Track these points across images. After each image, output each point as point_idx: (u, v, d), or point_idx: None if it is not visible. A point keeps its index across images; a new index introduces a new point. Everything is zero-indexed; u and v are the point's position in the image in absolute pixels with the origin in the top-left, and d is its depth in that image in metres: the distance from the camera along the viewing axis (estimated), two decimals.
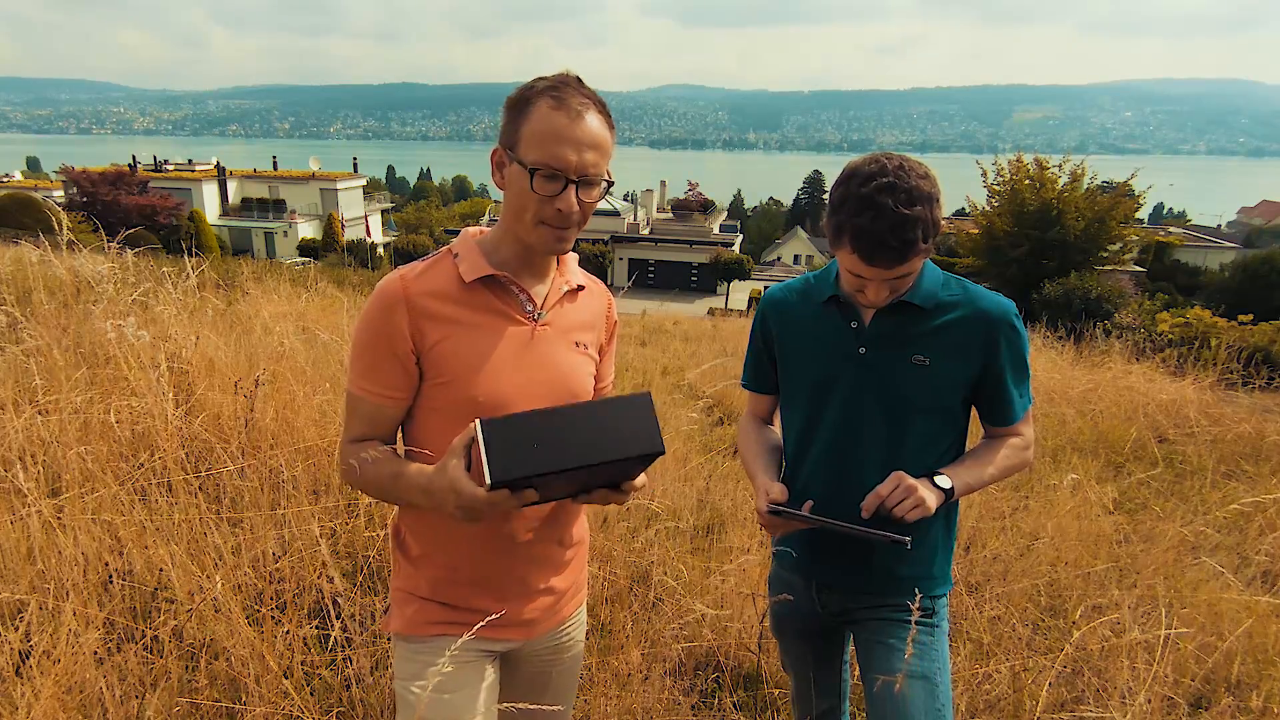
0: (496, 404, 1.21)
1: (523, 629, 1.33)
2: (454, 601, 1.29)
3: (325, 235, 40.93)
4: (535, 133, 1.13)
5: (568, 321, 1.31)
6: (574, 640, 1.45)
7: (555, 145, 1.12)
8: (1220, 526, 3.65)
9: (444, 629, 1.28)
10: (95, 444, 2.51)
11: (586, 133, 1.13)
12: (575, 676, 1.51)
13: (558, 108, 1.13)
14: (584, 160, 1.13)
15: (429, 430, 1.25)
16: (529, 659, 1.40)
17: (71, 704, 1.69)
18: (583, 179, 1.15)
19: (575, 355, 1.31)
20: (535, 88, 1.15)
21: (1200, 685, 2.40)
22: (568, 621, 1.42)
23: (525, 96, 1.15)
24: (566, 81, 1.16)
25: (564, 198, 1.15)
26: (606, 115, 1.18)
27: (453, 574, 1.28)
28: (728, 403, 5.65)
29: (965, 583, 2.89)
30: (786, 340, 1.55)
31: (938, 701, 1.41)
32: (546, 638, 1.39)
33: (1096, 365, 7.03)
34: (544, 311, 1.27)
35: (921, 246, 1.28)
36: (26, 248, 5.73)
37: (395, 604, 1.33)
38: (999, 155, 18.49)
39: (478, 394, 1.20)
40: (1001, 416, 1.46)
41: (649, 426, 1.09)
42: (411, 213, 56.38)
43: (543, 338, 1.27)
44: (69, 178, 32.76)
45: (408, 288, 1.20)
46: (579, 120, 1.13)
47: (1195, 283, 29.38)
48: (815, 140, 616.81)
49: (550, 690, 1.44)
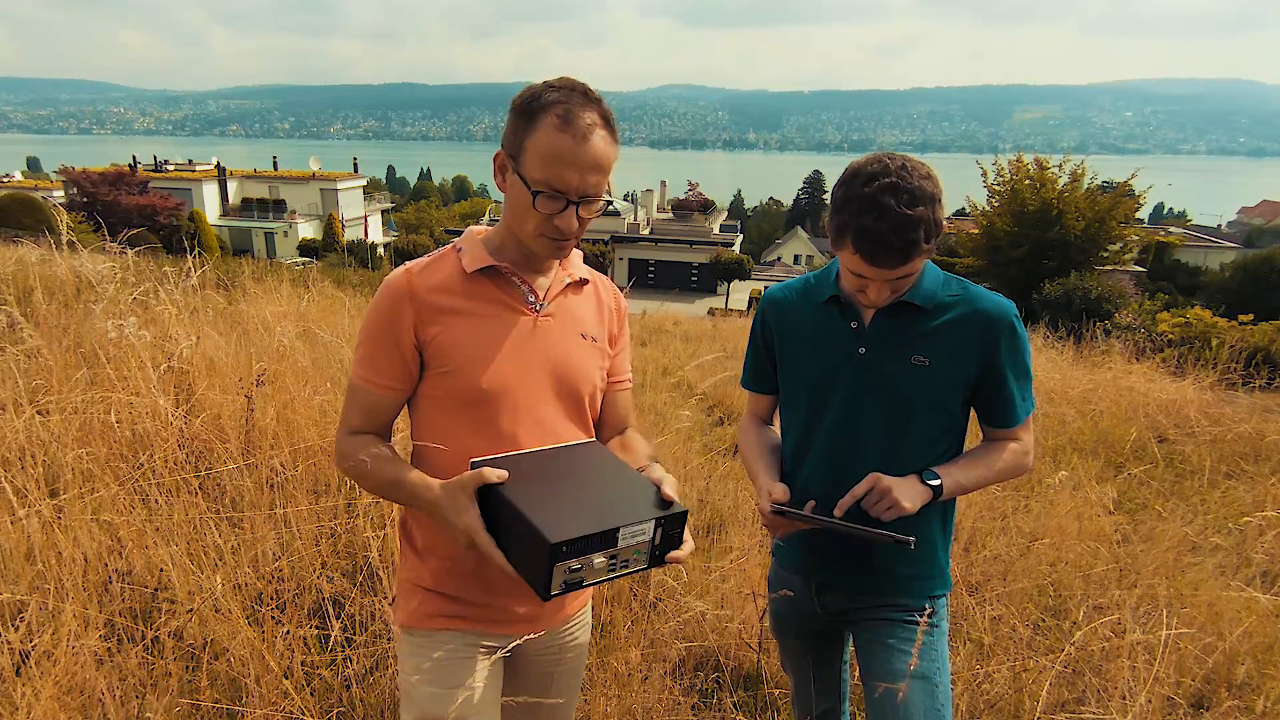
0: (499, 392, 1.22)
1: (525, 624, 1.33)
2: (457, 594, 1.29)
3: (325, 235, 40.94)
4: (540, 151, 1.12)
5: (572, 313, 1.32)
6: (577, 639, 1.45)
7: (559, 167, 1.12)
8: (1220, 526, 3.65)
9: (447, 623, 1.28)
10: (95, 444, 2.51)
11: (591, 156, 1.13)
12: (579, 675, 1.51)
13: (564, 128, 1.11)
14: (586, 183, 1.14)
15: (434, 420, 1.26)
16: (532, 656, 1.40)
17: (71, 704, 1.69)
18: (585, 199, 1.16)
19: (581, 346, 1.31)
20: (544, 98, 1.13)
21: (1201, 685, 2.40)
22: (571, 620, 1.42)
23: (533, 107, 1.14)
24: (574, 95, 1.14)
25: (564, 217, 1.16)
26: (612, 130, 1.18)
27: (456, 565, 1.28)
28: (728, 403, 5.65)
29: (965, 583, 2.89)
30: (786, 340, 1.55)
31: (937, 701, 1.41)
32: (549, 635, 1.39)
33: (1097, 365, 7.03)
34: (546, 302, 1.28)
35: (924, 247, 1.28)
36: (27, 247, 5.73)
37: (401, 595, 1.34)
38: (999, 155, 18.47)
39: (480, 382, 1.21)
40: (1002, 418, 1.46)
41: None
42: (411, 213, 56.37)
43: (545, 328, 1.27)
44: (69, 178, 32.75)
45: (412, 282, 1.22)
46: (585, 143, 1.12)
47: (1195, 283, 29.36)
48: (815, 140, 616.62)
49: (553, 688, 1.44)
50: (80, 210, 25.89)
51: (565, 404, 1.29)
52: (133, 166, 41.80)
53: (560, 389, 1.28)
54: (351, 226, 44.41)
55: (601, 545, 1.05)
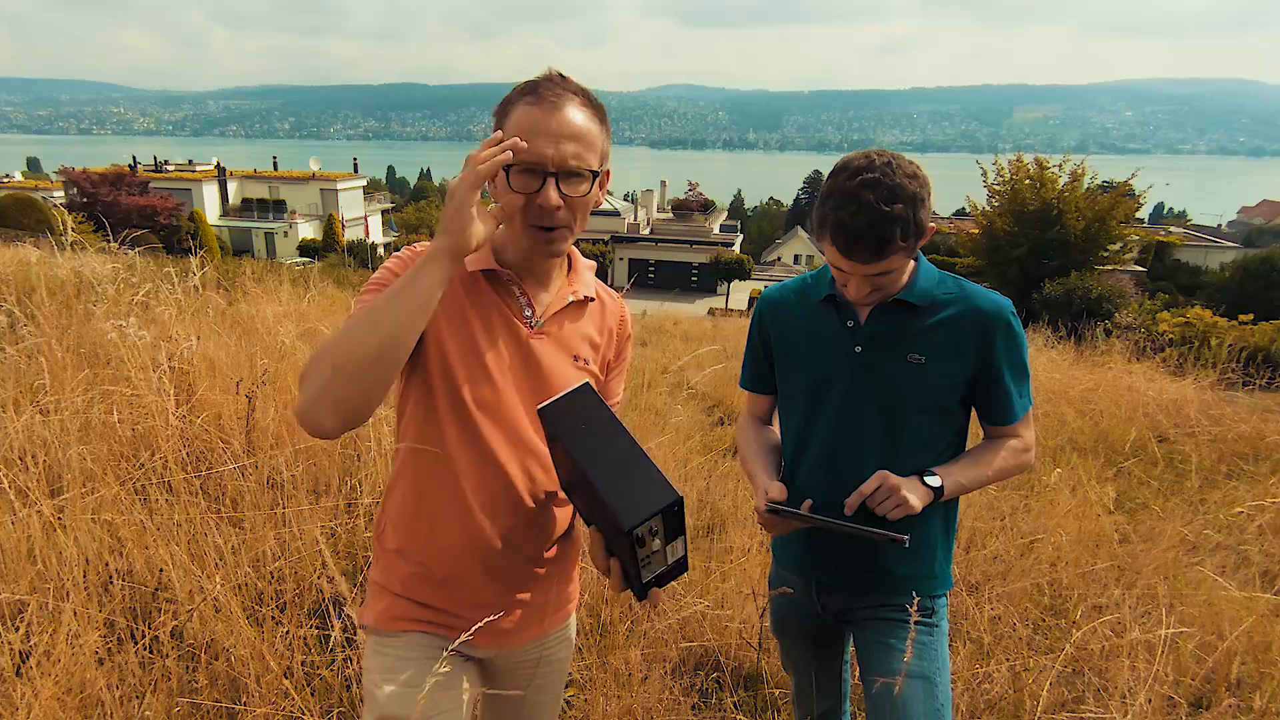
0: (480, 405, 1.18)
1: (496, 637, 1.28)
2: (423, 600, 1.25)
3: (325, 235, 40.93)
4: (512, 132, 1.10)
5: (569, 334, 1.26)
6: (554, 655, 1.39)
7: (529, 139, 1.07)
8: (1220, 526, 3.65)
9: (413, 625, 1.24)
10: (96, 444, 2.51)
11: (563, 123, 1.09)
12: (556, 691, 1.44)
13: (533, 103, 1.10)
14: (562, 152, 1.08)
15: (419, 426, 1.22)
16: (505, 670, 1.36)
17: (71, 704, 1.70)
18: (563, 171, 1.10)
19: (572, 370, 1.25)
20: (516, 90, 1.13)
21: (1201, 685, 2.40)
22: (549, 636, 1.36)
23: (506, 101, 1.13)
24: (548, 78, 1.13)
25: (543, 193, 1.09)
26: (591, 107, 1.14)
27: (424, 571, 1.24)
28: (728, 403, 5.64)
29: (965, 583, 2.89)
30: (783, 340, 1.55)
31: (936, 701, 1.41)
32: (522, 651, 1.34)
33: (1097, 365, 7.02)
34: (542, 320, 1.23)
35: (900, 245, 1.28)
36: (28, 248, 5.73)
37: (370, 596, 1.30)
38: (999, 155, 18.48)
39: (463, 393, 1.17)
40: (1000, 416, 1.46)
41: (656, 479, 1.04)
42: (411, 213, 56.32)
43: (538, 346, 1.22)
44: (69, 178, 32.79)
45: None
46: (554, 111, 1.09)
47: (1196, 282, 29.37)
48: (815, 140, 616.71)
49: (526, 704, 1.38)
50: (80, 211, 25.89)
51: None
52: (133, 167, 41.84)
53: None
54: (352, 227, 44.40)
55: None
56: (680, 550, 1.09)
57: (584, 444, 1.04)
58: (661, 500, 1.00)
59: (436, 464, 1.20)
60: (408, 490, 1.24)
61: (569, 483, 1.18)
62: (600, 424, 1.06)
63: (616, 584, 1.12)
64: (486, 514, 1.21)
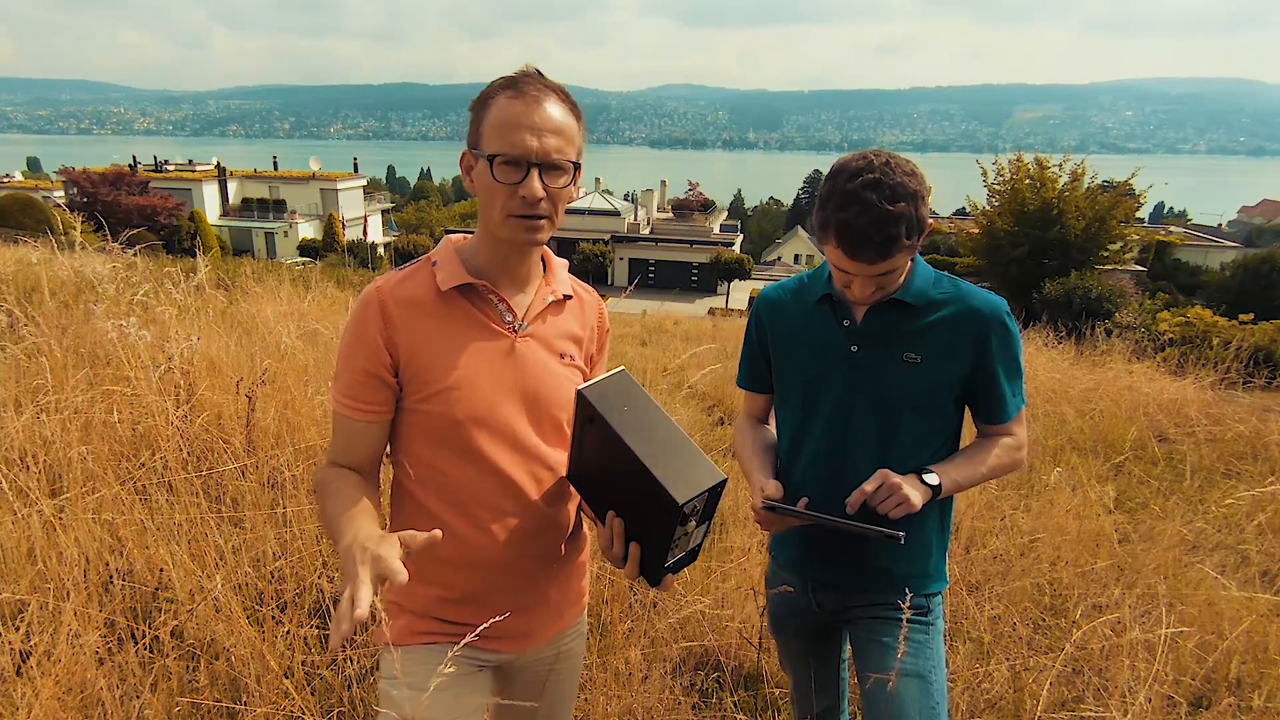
0: (475, 421, 1.18)
1: (517, 642, 1.30)
2: (444, 616, 1.26)
3: (325, 235, 40.92)
4: (494, 125, 1.11)
5: (552, 332, 1.27)
6: (571, 650, 1.42)
7: (513, 132, 1.10)
8: (1220, 525, 3.65)
9: (433, 638, 1.25)
10: (96, 444, 2.51)
11: (545, 117, 1.11)
12: (573, 685, 1.48)
13: (515, 97, 1.11)
14: (545, 145, 1.11)
15: (412, 448, 1.22)
16: (524, 669, 1.38)
17: (71, 704, 1.70)
18: (546, 163, 1.12)
19: (560, 368, 1.26)
20: (494, 85, 1.15)
21: (1200, 684, 2.40)
22: (566, 633, 1.40)
23: (485, 95, 1.15)
24: (526, 74, 1.15)
25: (527, 184, 1.11)
26: (569, 103, 1.16)
27: (442, 592, 1.25)
28: (728, 402, 5.64)
29: (965, 582, 2.89)
30: (780, 339, 1.55)
31: (932, 700, 1.41)
32: (543, 648, 1.37)
33: (1097, 365, 7.02)
34: (525, 322, 1.23)
35: (905, 243, 1.28)
36: (28, 248, 5.73)
37: (388, 615, 1.30)
38: (999, 155, 18.47)
39: (456, 412, 1.17)
40: (994, 415, 1.46)
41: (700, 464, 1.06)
42: (412, 213, 56.39)
43: (523, 350, 1.23)
44: (69, 178, 32.78)
45: (383, 297, 1.17)
46: (536, 105, 1.11)
47: (1196, 282, 29.36)
48: (815, 140, 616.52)
49: (545, 698, 1.41)
50: (80, 210, 25.88)
51: (544, 428, 1.25)
52: (133, 167, 41.85)
53: (538, 413, 1.23)
54: (352, 226, 44.41)
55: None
56: (700, 537, 1.11)
57: (630, 424, 1.05)
58: (710, 479, 1.03)
59: (442, 488, 1.21)
60: (416, 516, 1.24)
61: (591, 468, 1.17)
62: (644, 406, 1.09)
63: (633, 570, 1.13)
64: (498, 527, 1.22)
